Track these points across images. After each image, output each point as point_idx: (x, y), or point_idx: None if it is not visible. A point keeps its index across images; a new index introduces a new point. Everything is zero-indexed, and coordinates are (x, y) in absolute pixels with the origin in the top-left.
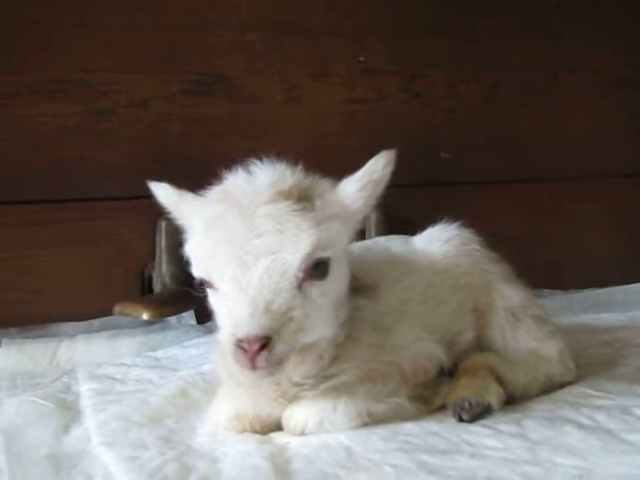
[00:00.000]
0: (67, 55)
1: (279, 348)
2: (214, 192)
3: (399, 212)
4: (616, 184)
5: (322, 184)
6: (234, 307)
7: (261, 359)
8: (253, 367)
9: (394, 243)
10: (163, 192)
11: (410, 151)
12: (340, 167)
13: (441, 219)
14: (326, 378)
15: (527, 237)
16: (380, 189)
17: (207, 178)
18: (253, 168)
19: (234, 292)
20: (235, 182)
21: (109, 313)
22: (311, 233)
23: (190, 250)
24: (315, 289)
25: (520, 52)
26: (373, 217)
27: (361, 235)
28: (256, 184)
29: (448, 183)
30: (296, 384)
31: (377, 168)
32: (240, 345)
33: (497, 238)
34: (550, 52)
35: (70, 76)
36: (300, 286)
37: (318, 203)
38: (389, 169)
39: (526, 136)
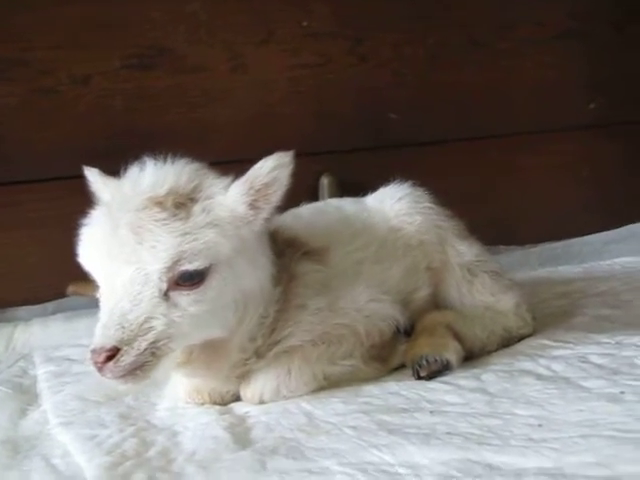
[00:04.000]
0: (3, 34)
1: (126, 360)
2: (115, 185)
3: (350, 176)
4: (566, 137)
5: (212, 186)
6: (99, 314)
7: (107, 370)
8: (103, 375)
9: (346, 203)
10: (91, 177)
11: (358, 114)
12: (288, 134)
13: (393, 180)
14: (272, 345)
15: (480, 194)
16: (275, 193)
17: (155, 152)
18: (146, 166)
19: (103, 297)
20: (125, 180)
21: (63, 295)
22: (170, 246)
23: (78, 241)
24: (185, 298)
25: (463, 9)
26: (325, 182)
27: (314, 201)
28: (135, 186)
29: (398, 144)
30: (238, 365)
31: (262, 172)
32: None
33: (450, 196)
34: (492, 8)
35: (8, 55)
36: (167, 295)
37: (196, 209)
38: (282, 172)
39: (473, 93)
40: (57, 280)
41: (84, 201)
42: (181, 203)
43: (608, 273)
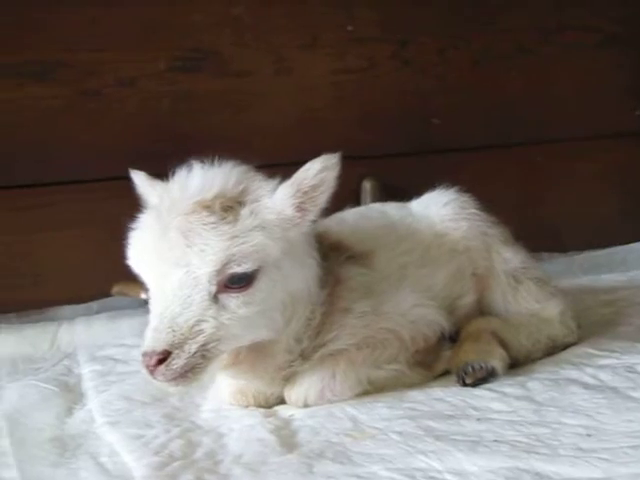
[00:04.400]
0: (49, 36)
1: (178, 363)
2: (163, 189)
3: (393, 181)
4: (611, 144)
5: (260, 189)
6: (150, 317)
7: (158, 373)
8: (154, 378)
9: (390, 208)
10: (138, 181)
11: (402, 119)
12: (331, 138)
13: (436, 186)
14: (317, 348)
15: (524, 201)
16: (322, 195)
17: (198, 155)
18: (194, 169)
19: (153, 299)
20: (173, 183)
21: (108, 294)
22: (219, 249)
23: (128, 244)
24: (234, 300)
25: (509, 14)
26: (368, 186)
27: (356, 205)
28: (183, 190)
29: (441, 150)
30: (283, 366)
31: (309, 174)
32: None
33: (493, 203)
34: (539, 12)
35: (54, 57)
36: (216, 298)
37: (244, 212)
38: (329, 174)
39: (518, 99)
40: (101, 280)
41: (129, 202)
42: (229, 206)
43: None
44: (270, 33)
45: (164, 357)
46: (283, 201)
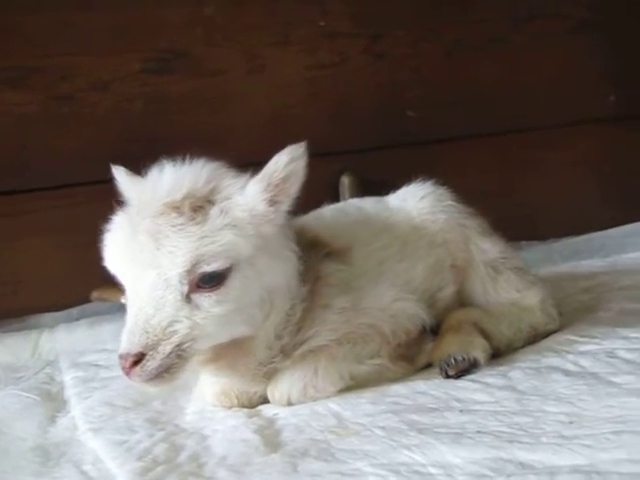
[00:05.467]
0: (23, 42)
1: (152, 364)
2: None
3: (370, 175)
4: (587, 130)
5: (230, 186)
6: (126, 319)
7: (134, 374)
8: (131, 380)
9: (367, 203)
10: (118, 177)
11: (377, 113)
12: (307, 134)
13: (413, 179)
14: (297, 345)
15: (500, 190)
16: (292, 186)
17: (174, 156)
18: (164, 170)
19: (129, 301)
20: (144, 184)
21: (87, 300)
22: (187, 250)
23: (103, 245)
24: (207, 299)
25: (480, 4)
26: (345, 181)
27: (335, 201)
28: (153, 191)
29: (418, 142)
30: (264, 362)
31: (278, 167)
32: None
33: (470, 193)
34: (510, 1)
35: (26, 63)
36: (189, 298)
37: (214, 211)
38: (298, 164)
39: (492, 89)
40: (81, 286)
41: (106, 206)
42: (199, 206)
43: (631, 266)
44: (242, 32)
45: (139, 359)
46: (254, 197)
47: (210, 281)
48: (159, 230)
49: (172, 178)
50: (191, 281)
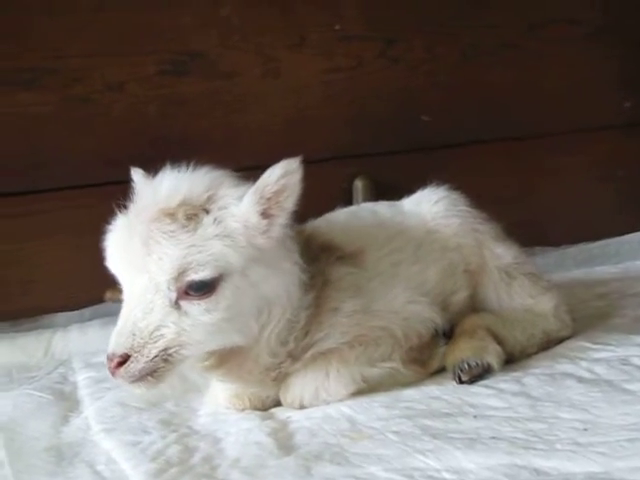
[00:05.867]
0: (38, 43)
1: (136, 366)
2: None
3: (384, 179)
4: (601, 136)
5: (227, 196)
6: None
7: (118, 375)
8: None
9: (381, 207)
10: (135, 178)
11: (392, 117)
12: (322, 138)
13: (427, 183)
14: (306, 348)
15: (515, 196)
16: (287, 200)
17: (188, 158)
18: (165, 175)
19: (123, 303)
20: (146, 188)
21: (100, 301)
22: (175, 258)
23: (105, 245)
24: (196, 307)
25: (495, 9)
26: (359, 185)
27: (348, 204)
28: (151, 196)
29: (431, 147)
30: (271, 368)
31: (271, 180)
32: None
33: (485, 199)
34: (525, 7)
35: (42, 64)
36: (178, 304)
37: (207, 220)
38: (291, 178)
39: (506, 94)
40: (94, 286)
41: (120, 208)
42: (193, 214)
43: None
44: (258, 34)
45: (124, 360)
46: (248, 209)
47: (199, 289)
48: (151, 236)
49: (171, 184)
50: (179, 288)
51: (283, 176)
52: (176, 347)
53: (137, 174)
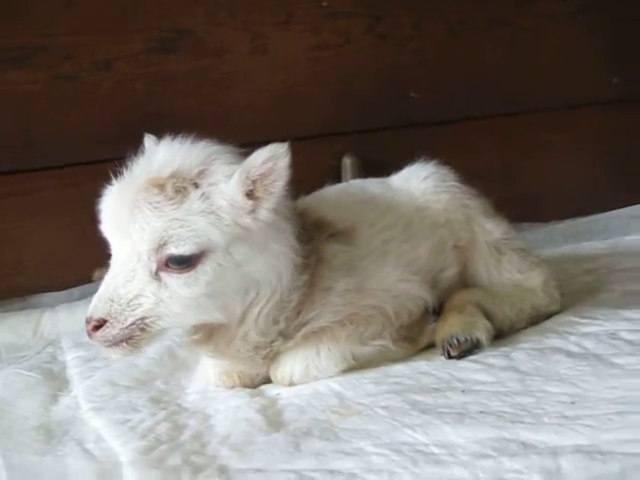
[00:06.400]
0: (27, 21)
1: (110, 332)
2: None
3: (372, 156)
4: (590, 112)
5: (219, 173)
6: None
7: (95, 338)
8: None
9: (370, 184)
10: (147, 144)
11: (380, 94)
12: (310, 115)
13: (414, 159)
14: (298, 327)
15: (504, 171)
16: (274, 183)
17: (177, 136)
18: (161, 145)
19: (110, 267)
20: (141, 156)
21: (89, 280)
22: (155, 230)
23: (99, 209)
24: (176, 280)
25: None
26: (347, 162)
27: (337, 182)
28: (144, 165)
29: (420, 123)
30: (261, 347)
31: (256, 163)
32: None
33: (474, 175)
34: None
35: (31, 42)
36: (158, 275)
37: (194, 195)
38: (278, 163)
39: (495, 70)
40: (82, 265)
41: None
42: (182, 187)
43: (633, 248)
44: (245, 11)
45: (100, 324)
46: (234, 188)
47: (179, 263)
48: (137, 204)
49: (165, 155)
50: (159, 260)
51: (269, 160)
52: (153, 317)
53: (149, 140)
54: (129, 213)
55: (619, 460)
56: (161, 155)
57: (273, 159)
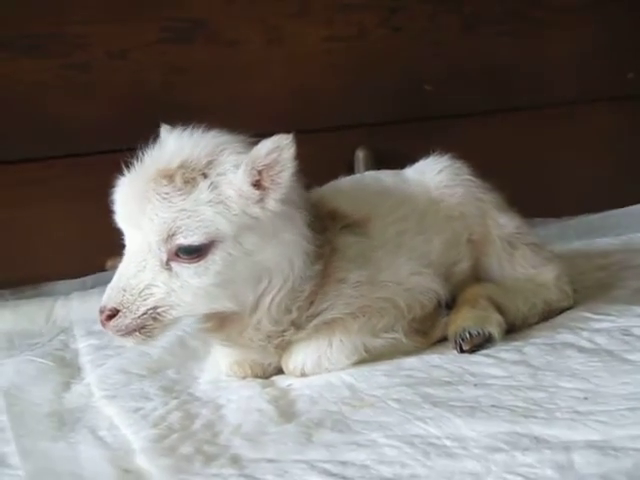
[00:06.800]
0: (39, 9)
1: (123, 321)
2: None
3: (387, 149)
4: (604, 107)
5: (227, 163)
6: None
7: (109, 328)
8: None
9: (384, 175)
10: (162, 134)
11: (394, 86)
12: (324, 106)
13: (430, 153)
14: (311, 317)
15: (517, 166)
16: (280, 174)
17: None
18: (171, 135)
19: (124, 257)
20: (153, 146)
21: (102, 269)
22: (164, 220)
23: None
24: (186, 270)
25: None
26: (361, 155)
27: (350, 174)
28: (155, 155)
29: (434, 116)
30: (274, 336)
31: (261, 154)
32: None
33: (487, 168)
34: None
35: (44, 30)
36: (169, 265)
37: (203, 185)
38: (283, 154)
39: (510, 64)
40: (95, 254)
41: (121, 174)
42: (191, 177)
43: None
44: (260, 2)
45: (113, 314)
46: (241, 178)
47: (188, 253)
48: (146, 195)
49: (174, 145)
50: (169, 250)
51: (273, 151)
52: (165, 307)
53: (164, 130)
54: (139, 204)
55: (631, 456)
56: (170, 145)
57: (278, 150)
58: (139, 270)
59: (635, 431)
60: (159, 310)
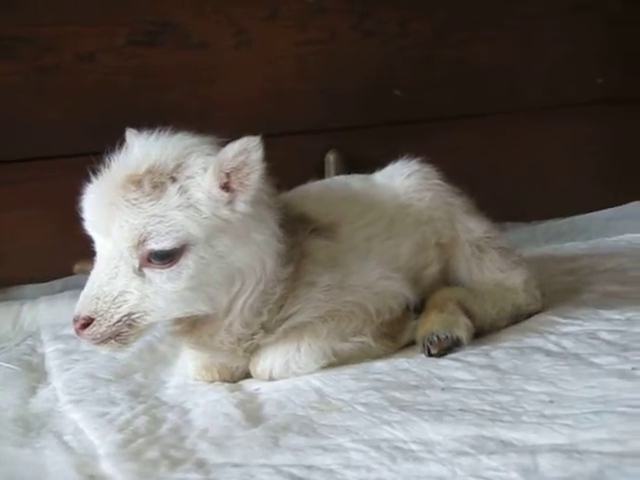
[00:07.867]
0: (9, 12)
1: (98, 329)
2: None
3: (357, 153)
4: (573, 113)
5: (195, 166)
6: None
7: (83, 336)
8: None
9: (353, 180)
10: (128, 139)
11: (364, 91)
12: (294, 110)
13: (398, 157)
14: (280, 321)
15: (487, 171)
16: (248, 176)
17: (160, 129)
18: (137, 140)
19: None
20: (120, 152)
21: (70, 273)
22: (134, 227)
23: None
24: (159, 275)
25: None
26: (331, 158)
27: (320, 178)
28: (122, 162)
29: (404, 121)
30: (243, 339)
31: (228, 156)
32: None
33: (457, 173)
34: None
35: (12, 33)
36: (141, 271)
37: (172, 190)
38: (250, 156)
39: (482, 69)
40: (63, 258)
41: (91, 179)
42: (160, 182)
43: (614, 250)
44: (230, 5)
45: (87, 322)
46: (209, 180)
47: (160, 258)
48: (115, 202)
49: (141, 150)
50: (141, 256)
51: (241, 153)
52: (140, 313)
53: (130, 134)
54: (108, 211)
55: (596, 459)
56: (137, 151)
57: (245, 152)
58: (112, 277)
59: (599, 434)
60: (134, 317)
